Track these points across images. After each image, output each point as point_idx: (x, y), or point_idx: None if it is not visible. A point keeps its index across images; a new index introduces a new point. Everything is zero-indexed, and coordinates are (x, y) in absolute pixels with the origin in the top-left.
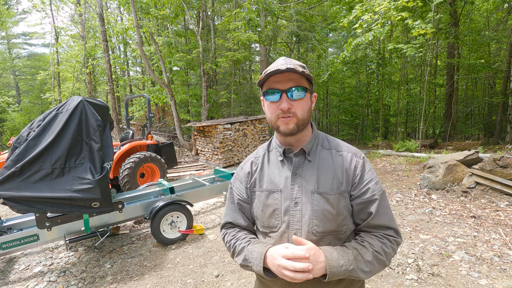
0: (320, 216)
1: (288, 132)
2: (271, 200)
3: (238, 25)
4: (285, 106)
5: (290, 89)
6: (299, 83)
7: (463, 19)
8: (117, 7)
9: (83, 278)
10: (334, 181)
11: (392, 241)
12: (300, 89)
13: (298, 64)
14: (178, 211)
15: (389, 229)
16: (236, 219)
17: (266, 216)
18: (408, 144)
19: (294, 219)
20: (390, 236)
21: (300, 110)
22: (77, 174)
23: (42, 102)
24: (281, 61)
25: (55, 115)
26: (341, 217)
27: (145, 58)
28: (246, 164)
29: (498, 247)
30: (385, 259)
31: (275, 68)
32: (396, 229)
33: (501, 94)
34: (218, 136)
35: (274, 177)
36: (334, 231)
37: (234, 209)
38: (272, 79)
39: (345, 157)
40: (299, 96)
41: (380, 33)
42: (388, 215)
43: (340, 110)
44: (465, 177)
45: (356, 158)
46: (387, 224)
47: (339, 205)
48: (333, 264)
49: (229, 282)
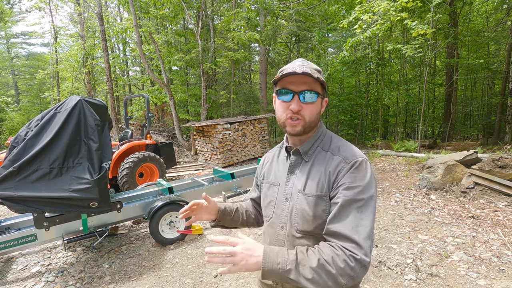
0: (300, 215)
1: (294, 133)
2: (270, 192)
3: (238, 25)
4: (295, 107)
5: (303, 91)
6: (312, 87)
7: (462, 19)
8: (116, 7)
9: (81, 278)
10: (319, 184)
11: (348, 256)
12: (312, 93)
13: (314, 68)
14: (177, 211)
15: (348, 240)
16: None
17: (264, 206)
18: (407, 144)
19: (282, 213)
20: (347, 250)
21: (308, 113)
22: (75, 174)
23: (41, 102)
24: (298, 62)
25: (53, 114)
26: (318, 221)
27: (144, 58)
28: (264, 156)
29: (496, 248)
30: (335, 272)
31: (292, 70)
32: (359, 243)
33: (500, 94)
34: (217, 136)
35: (278, 171)
36: (313, 232)
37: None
38: (287, 79)
39: (334, 161)
40: (311, 99)
41: (378, 30)
42: (348, 223)
43: (339, 110)
44: (464, 177)
45: (343, 164)
46: (344, 233)
47: (316, 208)
48: (269, 259)
49: (227, 282)
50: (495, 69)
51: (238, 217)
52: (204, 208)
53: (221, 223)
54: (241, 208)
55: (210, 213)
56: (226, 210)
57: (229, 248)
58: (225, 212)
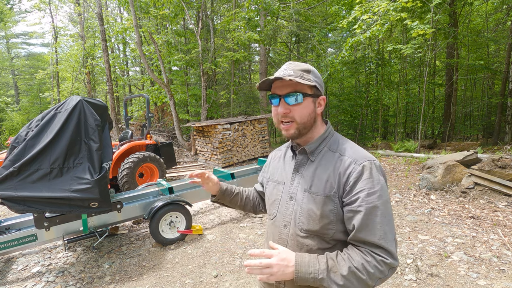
0: (306, 214)
1: (289, 136)
2: (275, 190)
3: (238, 25)
4: (281, 110)
5: (287, 94)
6: (297, 89)
7: (462, 19)
8: (116, 7)
9: (82, 278)
10: (327, 184)
11: (378, 261)
12: (297, 94)
13: (301, 69)
14: (177, 211)
15: (377, 247)
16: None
17: (269, 204)
18: (407, 144)
19: (286, 212)
20: (377, 255)
21: (298, 114)
22: (75, 174)
23: (41, 102)
24: (284, 66)
25: (54, 114)
26: (325, 220)
27: (144, 58)
28: (271, 154)
29: (496, 248)
30: (366, 277)
31: (275, 75)
32: (388, 249)
33: (500, 94)
34: (217, 136)
35: (283, 170)
36: (319, 232)
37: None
38: (275, 84)
39: (343, 162)
40: (296, 101)
41: (378, 32)
42: (377, 231)
43: (339, 110)
44: (464, 178)
45: (353, 165)
46: (374, 242)
47: (324, 208)
48: (301, 269)
49: (227, 282)
50: (495, 69)
51: (236, 200)
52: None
53: (220, 201)
54: (242, 193)
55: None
56: (227, 191)
57: (265, 261)
58: (226, 192)
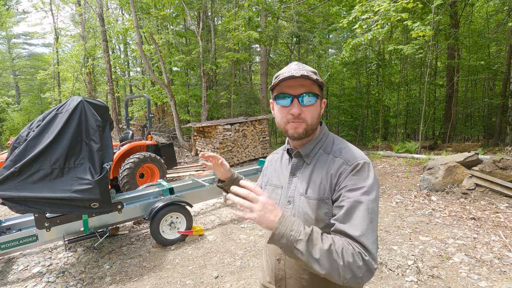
0: (302, 218)
1: (296, 136)
2: (274, 194)
3: (239, 24)
4: (296, 111)
5: (302, 94)
6: (311, 89)
7: (463, 20)
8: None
9: (82, 278)
10: (320, 187)
11: (357, 253)
12: (311, 95)
13: (311, 70)
14: (178, 211)
15: (357, 242)
16: None
17: None
18: (408, 145)
19: None
20: (357, 248)
21: (310, 116)
22: (76, 175)
23: (41, 102)
24: (294, 66)
25: (55, 115)
26: (321, 224)
27: (145, 58)
28: (268, 157)
29: (498, 249)
30: (341, 263)
31: (289, 74)
32: (367, 247)
33: (500, 95)
34: (218, 136)
35: (281, 174)
36: None
37: None
38: (285, 83)
39: (335, 163)
40: (310, 102)
41: (379, 34)
42: (358, 227)
43: (340, 111)
44: (465, 179)
45: (344, 166)
46: (354, 236)
47: (319, 212)
48: (284, 223)
49: (228, 283)
50: (496, 70)
51: None
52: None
53: (226, 188)
54: None
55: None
56: (236, 180)
57: (253, 195)
58: (235, 182)
